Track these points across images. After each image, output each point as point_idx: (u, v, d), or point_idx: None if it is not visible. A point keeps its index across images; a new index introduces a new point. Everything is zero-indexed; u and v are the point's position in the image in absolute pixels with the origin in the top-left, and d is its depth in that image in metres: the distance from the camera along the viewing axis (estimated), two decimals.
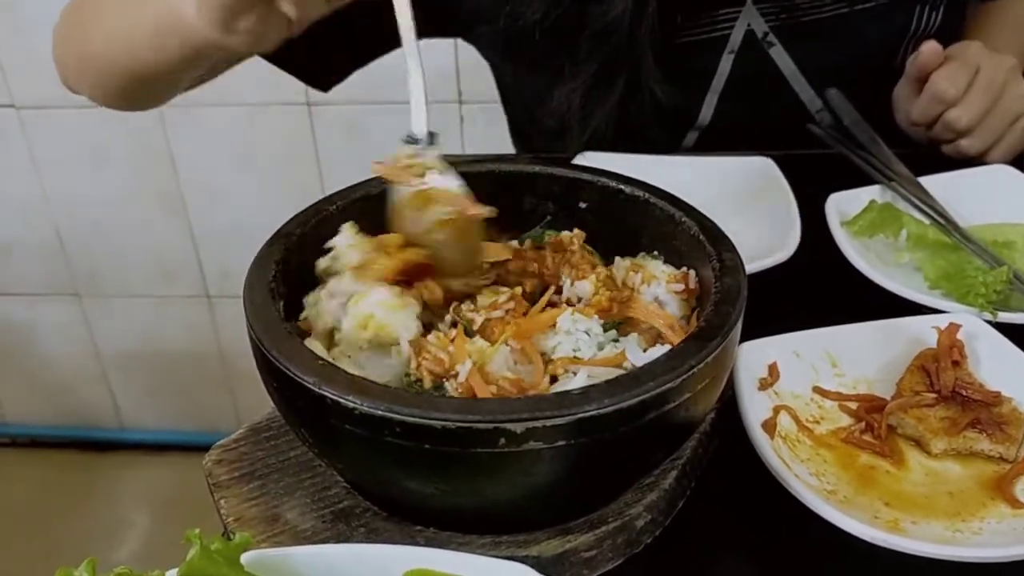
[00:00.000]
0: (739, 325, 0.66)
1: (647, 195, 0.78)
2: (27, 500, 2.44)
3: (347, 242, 0.72)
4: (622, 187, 0.79)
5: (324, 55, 1.17)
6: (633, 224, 0.79)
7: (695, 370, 0.60)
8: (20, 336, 2.48)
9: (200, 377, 2.51)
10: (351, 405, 0.56)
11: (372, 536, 0.65)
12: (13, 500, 2.43)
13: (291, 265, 0.71)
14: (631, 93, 1.12)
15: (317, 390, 0.57)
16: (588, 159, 1.06)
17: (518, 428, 0.55)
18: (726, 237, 0.73)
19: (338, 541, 0.65)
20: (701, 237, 0.73)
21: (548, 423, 0.55)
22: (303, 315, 0.72)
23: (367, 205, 0.77)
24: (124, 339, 2.49)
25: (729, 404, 0.74)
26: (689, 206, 0.76)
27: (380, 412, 0.55)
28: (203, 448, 0.73)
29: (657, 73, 1.11)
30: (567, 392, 0.58)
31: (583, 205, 0.81)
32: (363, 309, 0.68)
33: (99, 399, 2.58)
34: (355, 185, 0.79)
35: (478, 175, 0.81)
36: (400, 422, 0.55)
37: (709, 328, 0.63)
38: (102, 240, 2.32)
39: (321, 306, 0.70)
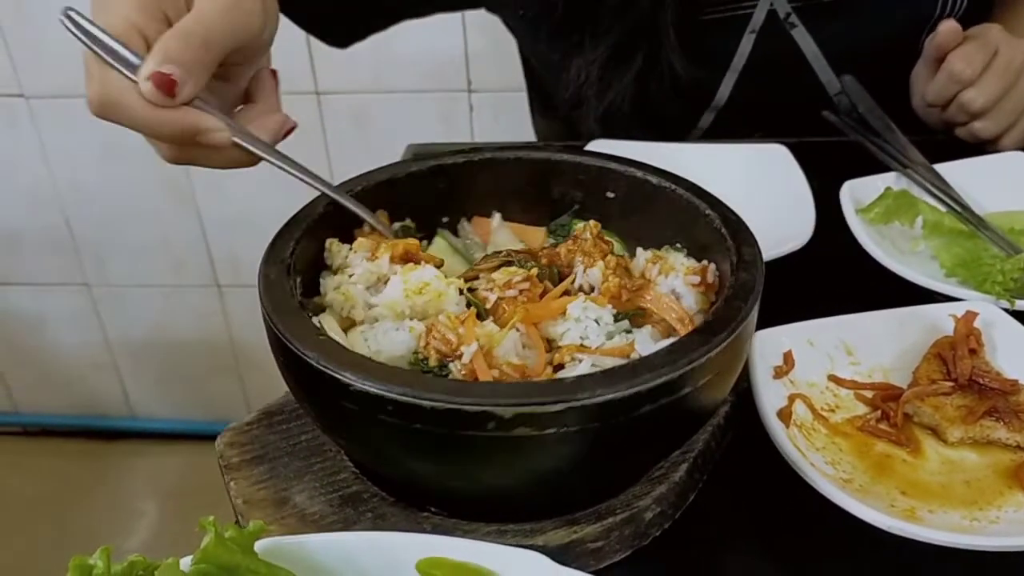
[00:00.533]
0: (751, 321, 0.64)
1: (674, 186, 0.77)
2: (38, 489, 2.45)
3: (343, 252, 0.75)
4: (649, 178, 0.78)
5: (352, 13, 1.18)
6: (659, 215, 0.78)
7: (696, 364, 0.58)
8: (30, 326, 2.49)
9: (210, 366, 2.52)
10: (347, 381, 0.57)
11: (379, 521, 0.65)
12: (24, 489, 2.44)
13: (312, 243, 0.73)
14: (650, 68, 1.11)
15: (316, 365, 0.58)
16: (602, 146, 1.05)
17: (507, 413, 0.54)
18: (748, 231, 0.71)
19: (345, 525, 0.65)
20: (723, 230, 0.71)
21: (538, 410, 0.55)
22: (323, 293, 0.72)
23: (391, 188, 0.78)
24: (134, 328, 2.49)
25: (744, 397, 0.73)
26: (715, 198, 0.75)
27: (374, 390, 0.56)
28: (213, 437, 0.73)
29: (677, 49, 1.10)
30: (561, 380, 0.58)
31: (611, 195, 0.81)
32: (422, 276, 0.70)
33: (109, 388, 2.58)
34: (380, 168, 0.80)
35: (506, 162, 0.81)
36: (392, 400, 0.55)
37: (716, 322, 0.62)
38: (111, 230, 2.32)
39: (344, 288, 0.71)
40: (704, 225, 0.74)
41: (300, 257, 0.70)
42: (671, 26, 1.08)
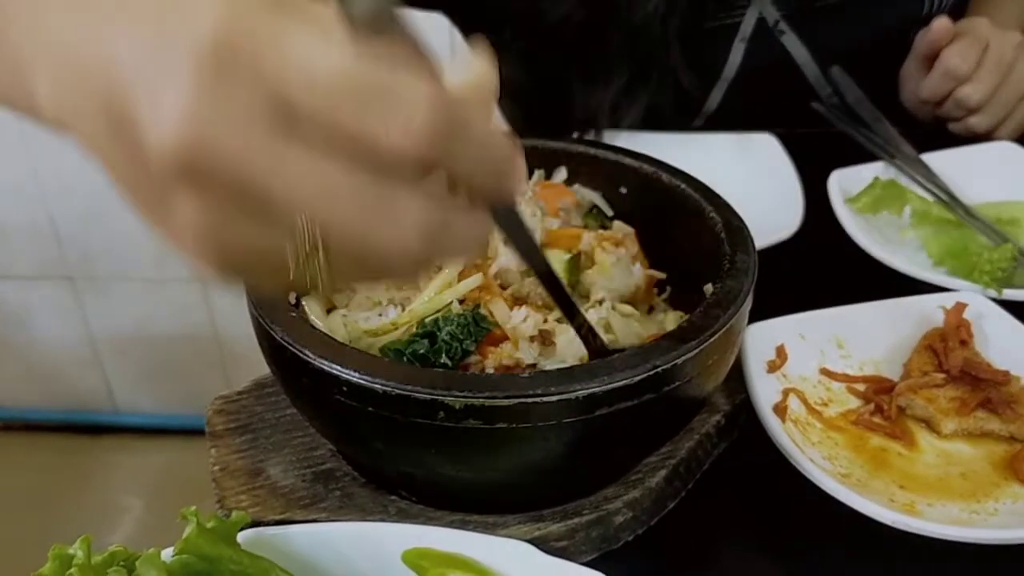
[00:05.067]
0: (732, 329, 0.61)
1: (683, 185, 0.75)
2: (21, 485, 2.43)
3: None
4: (661, 175, 0.77)
5: None
6: (666, 214, 0.77)
7: (660, 369, 0.56)
8: (13, 320, 2.47)
9: (195, 360, 2.50)
10: (305, 357, 0.56)
11: (346, 500, 0.65)
12: (7, 485, 2.42)
13: None
14: (660, 88, 1.10)
15: (279, 339, 0.58)
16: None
17: (456, 404, 0.54)
18: (748, 238, 0.69)
19: (312, 502, 0.65)
20: (723, 235, 0.69)
21: (488, 403, 0.54)
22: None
23: None
24: (118, 323, 2.47)
25: (740, 404, 0.72)
26: (722, 201, 0.73)
27: (329, 368, 0.55)
28: (198, 432, 0.72)
29: (683, 63, 1.09)
30: (515, 375, 0.57)
31: (623, 190, 0.80)
32: None
33: (93, 383, 2.56)
34: None
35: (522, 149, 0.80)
36: (347, 381, 0.55)
37: (690, 329, 0.59)
38: (95, 223, 2.30)
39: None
40: (707, 229, 0.72)
41: None
42: (677, 42, 1.07)
